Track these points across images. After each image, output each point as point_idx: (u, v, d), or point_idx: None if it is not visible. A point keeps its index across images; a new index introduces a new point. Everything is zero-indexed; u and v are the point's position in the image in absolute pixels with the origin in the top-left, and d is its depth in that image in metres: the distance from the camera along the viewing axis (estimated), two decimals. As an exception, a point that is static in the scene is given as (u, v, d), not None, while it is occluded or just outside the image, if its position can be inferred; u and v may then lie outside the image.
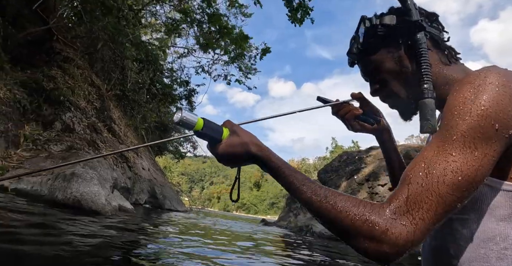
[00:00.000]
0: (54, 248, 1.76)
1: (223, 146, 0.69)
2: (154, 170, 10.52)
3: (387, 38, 0.78)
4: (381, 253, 0.54)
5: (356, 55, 0.85)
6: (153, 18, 12.61)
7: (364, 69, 0.86)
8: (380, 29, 0.78)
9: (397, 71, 0.78)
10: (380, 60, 0.80)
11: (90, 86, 8.63)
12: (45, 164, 5.03)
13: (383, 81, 0.82)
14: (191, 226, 5.49)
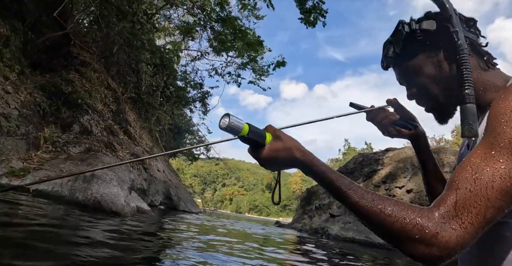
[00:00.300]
0: (76, 248, 1.79)
1: (267, 151, 0.69)
2: (169, 171, 10.62)
3: (427, 43, 0.79)
4: (431, 256, 0.55)
5: (392, 59, 0.86)
6: (166, 22, 12.78)
7: (401, 73, 0.87)
8: (419, 34, 0.79)
9: (436, 76, 0.79)
10: (419, 64, 0.81)
11: (106, 89, 8.78)
12: (65, 165, 5.13)
13: (422, 86, 0.82)
14: (209, 227, 5.52)
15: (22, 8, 7.10)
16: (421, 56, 0.80)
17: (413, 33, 0.80)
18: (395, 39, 0.84)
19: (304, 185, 67.27)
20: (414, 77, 0.83)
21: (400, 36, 0.82)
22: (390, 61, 0.87)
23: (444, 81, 0.79)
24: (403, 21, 0.83)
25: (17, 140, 5.22)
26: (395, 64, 0.88)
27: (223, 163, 21.47)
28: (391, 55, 0.85)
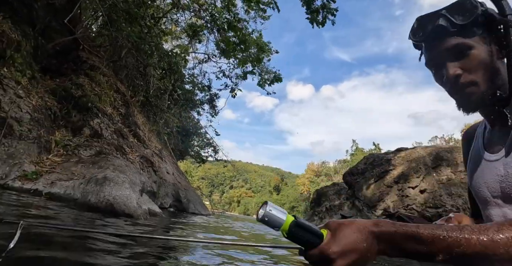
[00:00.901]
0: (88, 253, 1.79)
1: (334, 257, 0.54)
2: (178, 174, 10.66)
3: (485, 28, 0.76)
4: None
5: (445, 29, 0.78)
6: (173, 25, 12.86)
7: (447, 49, 0.79)
8: (486, 17, 0.75)
9: (486, 63, 0.76)
10: (472, 46, 0.77)
11: (116, 93, 8.86)
12: (76, 168, 5.18)
13: (467, 67, 0.77)
14: (220, 229, 5.51)
15: (33, 14, 7.20)
16: (477, 39, 0.77)
17: (483, 13, 0.75)
18: (453, 13, 0.77)
19: (312, 187, 66.91)
20: (463, 57, 0.78)
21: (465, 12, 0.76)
22: (439, 30, 0.78)
23: (492, 71, 0.76)
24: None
25: (29, 143, 5.28)
26: (443, 36, 0.79)
27: (230, 165, 21.49)
28: (445, 25, 0.77)
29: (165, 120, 12.96)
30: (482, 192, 0.81)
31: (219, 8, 8.78)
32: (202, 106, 13.86)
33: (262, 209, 0.59)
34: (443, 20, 0.77)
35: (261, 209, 0.59)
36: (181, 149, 16.86)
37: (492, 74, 0.76)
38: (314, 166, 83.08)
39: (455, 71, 0.79)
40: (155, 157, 8.49)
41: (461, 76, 0.79)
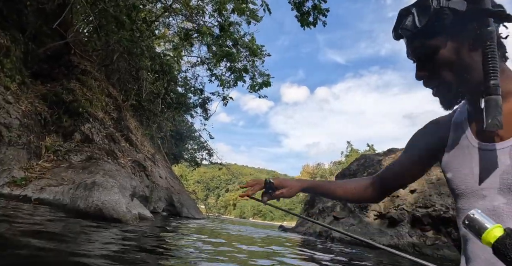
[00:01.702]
0: (77, 257, 1.79)
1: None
2: (171, 178, 10.62)
3: (452, 24, 0.73)
4: None
5: (409, 32, 0.77)
6: (165, 29, 12.87)
7: (414, 49, 0.80)
8: (446, 13, 0.72)
9: (453, 61, 0.75)
10: (437, 46, 0.75)
11: (107, 97, 8.83)
12: (66, 174, 5.15)
13: (436, 70, 0.77)
14: (212, 232, 5.50)
15: (23, 19, 7.18)
16: (442, 37, 0.75)
17: (441, 10, 0.72)
18: (418, 11, 0.75)
19: (308, 189, 66.81)
20: (430, 58, 0.77)
21: (426, 10, 0.73)
22: (406, 33, 0.79)
23: (462, 68, 0.75)
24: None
25: (18, 149, 5.24)
26: (410, 37, 0.80)
27: (225, 168, 21.45)
28: (410, 28, 0.76)
29: (158, 124, 12.94)
30: (469, 184, 0.77)
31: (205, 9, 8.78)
32: (195, 110, 13.86)
33: (471, 213, 0.56)
34: (409, 21, 0.76)
35: (470, 212, 0.56)
36: (175, 153, 16.81)
37: (463, 71, 0.75)
38: (310, 168, 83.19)
39: (421, 74, 0.80)
40: (147, 161, 8.46)
41: (428, 78, 0.80)
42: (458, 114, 0.89)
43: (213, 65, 11.31)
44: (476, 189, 0.75)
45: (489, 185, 0.73)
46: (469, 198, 0.77)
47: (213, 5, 9.55)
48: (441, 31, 0.74)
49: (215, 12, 9.26)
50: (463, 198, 0.79)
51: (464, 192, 0.78)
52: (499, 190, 0.71)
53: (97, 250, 2.00)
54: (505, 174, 0.70)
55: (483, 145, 0.77)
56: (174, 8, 9.87)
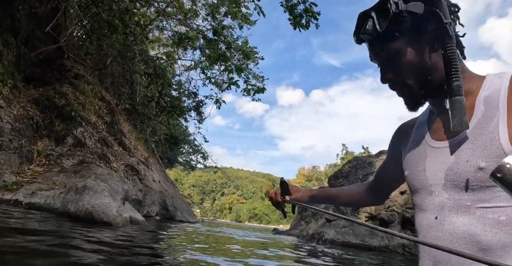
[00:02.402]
0: (65, 260, 1.80)
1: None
2: (165, 182, 10.60)
3: (410, 27, 0.74)
4: None
5: (370, 36, 0.78)
6: (160, 33, 12.90)
7: (377, 53, 0.81)
8: (404, 16, 0.72)
9: (415, 64, 0.75)
10: (398, 49, 0.76)
11: (100, 101, 8.82)
12: (58, 178, 5.14)
13: (399, 73, 0.78)
14: (203, 236, 5.50)
15: (15, 22, 7.17)
16: (402, 40, 0.75)
17: (400, 13, 0.72)
18: (378, 15, 0.76)
19: (304, 192, 66.72)
20: (392, 62, 0.78)
21: (386, 14, 0.74)
22: (367, 37, 0.79)
23: (423, 70, 0.76)
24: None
25: (10, 153, 5.22)
26: (371, 41, 0.80)
27: (221, 172, 21.42)
28: (371, 32, 0.77)
29: (152, 128, 12.92)
30: (420, 180, 0.79)
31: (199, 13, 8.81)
32: (189, 113, 13.87)
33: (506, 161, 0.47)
34: (369, 25, 0.76)
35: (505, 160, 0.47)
36: (169, 157, 16.78)
37: (425, 72, 0.76)
38: (305, 171, 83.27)
39: (386, 77, 0.81)
40: (141, 165, 8.44)
41: (393, 81, 0.81)
42: (422, 114, 0.92)
43: (206, 67, 11.33)
44: (426, 185, 0.78)
45: (436, 181, 0.75)
46: (421, 193, 0.80)
47: (206, 9, 9.61)
48: (401, 34, 0.75)
49: (209, 16, 9.32)
50: (417, 194, 0.82)
51: (417, 188, 0.81)
52: (444, 186, 0.73)
53: (84, 253, 2.01)
54: (449, 171, 0.73)
55: (434, 143, 0.80)
56: (168, 12, 9.91)
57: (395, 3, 0.72)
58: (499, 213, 0.66)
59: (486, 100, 0.72)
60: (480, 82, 0.77)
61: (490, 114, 0.70)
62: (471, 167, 0.69)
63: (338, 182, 7.49)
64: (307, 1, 6.21)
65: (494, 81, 0.74)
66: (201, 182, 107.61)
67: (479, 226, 0.67)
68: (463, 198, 0.70)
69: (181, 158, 19.90)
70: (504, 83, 0.71)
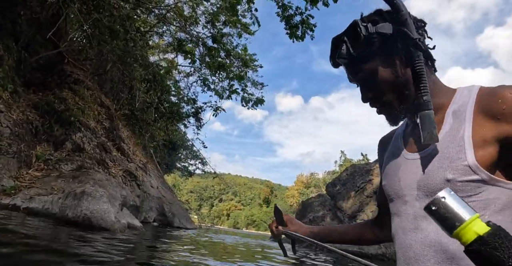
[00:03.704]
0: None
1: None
2: (163, 188, 10.58)
3: (382, 47, 0.77)
4: None
5: (346, 60, 0.81)
6: (160, 39, 12.97)
7: (354, 75, 0.84)
8: (375, 38, 0.76)
9: (391, 81, 0.78)
10: (374, 69, 0.79)
11: (100, 106, 8.84)
12: (56, 183, 5.13)
13: (377, 91, 0.81)
14: (201, 242, 5.48)
15: (16, 28, 7.21)
16: (376, 60, 0.78)
17: (370, 36, 0.76)
18: (350, 40, 0.79)
19: (302, 198, 66.83)
20: (369, 82, 0.81)
21: (357, 38, 0.77)
22: (343, 61, 0.83)
23: (399, 87, 0.78)
24: (359, 22, 0.78)
25: (8, 158, 5.22)
26: (347, 64, 0.84)
27: (219, 178, 21.36)
28: (345, 56, 0.80)
29: (151, 133, 12.92)
30: (396, 190, 0.82)
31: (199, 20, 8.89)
32: (188, 119, 13.88)
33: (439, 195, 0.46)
34: (343, 49, 0.80)
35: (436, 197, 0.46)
36: (167, 162, 16.75)
37: (402, 88, 0.78)
38: (304, 178, 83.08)
39: (367, 96, 0.84)
40: (139, 171, 8.43)
41: (373, 101, 0.84)
42: (400, 126, 0.95)
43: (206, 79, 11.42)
44: (400, 195, 0.81)
45: (409, 192, 0.79)
46: (396, 203, 0.83)
47: (206, 16, 9.70)
48: (374, 55, 0.78)
49: (208, 24, 9.40)
50: (392, 203, 0.85)
51: (393, 197, 0.84)
52: (416, 196, 0.76)
53: (81, 260, 2.01)
54: (420, 182, 0.76)
55: (408, 154, 0.83)
56: (168, 17, 10.00)
57: (365, 27, 0.76)
58: None
59: (455, 113, 0.75)
60: (451, 95, 0.80)
61: (457, 127, 0.73)
62: (439, 178, 0.72)
63: (336, 189, 7.49)
64: (304, 13, 6.30)
65: (464, 95, 0.77)
66: (199, 188, 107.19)
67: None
68: None
69: (179, 163, 19.87)
70: (472, 96, 0.74)
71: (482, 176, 0.68)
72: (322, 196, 8.41)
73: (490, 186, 0.68)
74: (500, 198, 0.69)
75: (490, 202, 0.68)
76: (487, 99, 0.71)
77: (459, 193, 0.68)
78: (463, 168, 0.68)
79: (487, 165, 0.68)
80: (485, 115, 0.70)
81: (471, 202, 0.68)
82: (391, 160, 0.88)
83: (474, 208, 0.54)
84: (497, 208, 0.69)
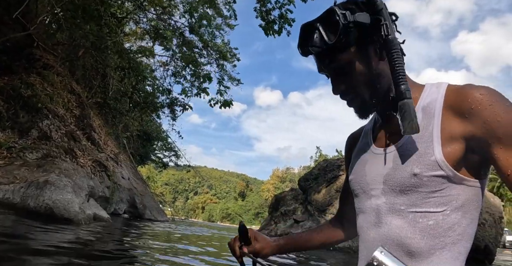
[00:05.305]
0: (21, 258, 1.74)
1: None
2: (135, 179, 10.37)
3: (358, 37, 0.74)
4: None
5: (319, 48, 0.76)
6: (137, 27, 12.61)
7: (325, 65, 0.80)
8: (352, 27, 0.72)
9: (365, 73, 0.76)
10: (348, 60, 0.75)
11: (70, 93, 8.51)
12: (19, 171, 4.91)
13: (350, 83, 0.78)
14: (167, 235, 5.43)
15: (-20, 7, 6.81)
16: (351, 51, 0.75)
17: (348, 24, 0.71)
18: (325, 27, 0.74)
19: (277, 192, 67.42)
20: (343, 73, 0.78)
21: (334, 26, 0.72)
22: (315, 50, 0.77)
23: (373, 79, 0.76)
24: (336, 9, 0.73)
25: (-33, 144, 4.95)
26: (319, 53, 0.78)
27: (194, 171, 21.17)
28: (319, 45, 0.75)
29: (124, 123, 12.60)
30: (362, 184, 0.82)
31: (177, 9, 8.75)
32: (163, 110, 13.64)
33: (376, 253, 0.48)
34: (317, 38, 0.75)
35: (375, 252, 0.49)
36: (141, 154, 16.44)
37: (374, 81, 0.76)
38: (279, 172, 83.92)
39: (338, 88, 0.80)
40: (109, 161, 8.22)
41: (344, 93, 0.81)
42: (368, 123, 0.94)
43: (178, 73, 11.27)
44: (366, 190, 0.81)
45: (375, 186, 0.79)
46: (362, 198, 0.83)
47: (184, 6, 9.50)
48: (350, 45, 0.75)
49: (186, 13, 9.21)
50: (358, 198, 0.85)
51: (358, 192, 0.84)
52: (382, 190, 0.77)
53: (37, 251, 1.94)
54: (387, 176, 0.76)
55: (376, 149, 0.83)
56: (145, 5, 9.72)
57: (343, 14, 0.71)
58: (428, 218, 0.70)
59: (424, 110, 0.75)
60: (419, 91, 0.79)
61: (426, 122, 0.73)
62: (406, 172, 0.72)
63: (307, 184, 7.60)
64: (283, 7, 6.24)
65: (432, 91, 0.77)
66: (174, 180, 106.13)
67: (410, 229, 0.71)
68: (398, 202, 0.74)
69: (154, 155, 19.55)
70: (441, 93, 0.74)
71: (447, 172, 0.69)
72: (295, 190, 8.50)
73: (453, 182, 0.70)
74: (461, 194, 0.70)
75: (452, 198, 0.70)
76: (456, 97, 0.71)
77: (424, 188, 0.70)
78: (430, 163, 0.69)
79: (454, 161, 0.69)
80: (453, 112, 0.71)
81: (434, 197, 0.70)
82: (359, 155, 0.88)
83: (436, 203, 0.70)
84: (458, 204, 0.70)
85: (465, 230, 0.71)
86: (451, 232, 0.70)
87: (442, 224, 0.70)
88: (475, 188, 0.71)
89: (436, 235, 0.70)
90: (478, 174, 0.72)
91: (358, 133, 0.98)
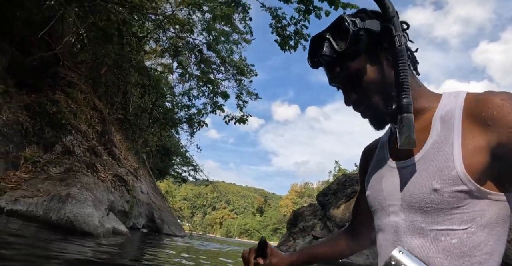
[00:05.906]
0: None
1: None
2: (154, 193, 10.47)
3: (369, 44, 0.73)
4: None
5: (329, 58, 0.75)
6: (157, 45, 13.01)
7: (337, 75, 0.79)
8: (362, 35, 0.72)
9: (377, 82, 0.74)
10: (359, 68, 0.74)
11: (92, 110, 8.79)
12: (43, 185, 5.05)
13: (363, 93, 0.76)
14: (187, 249, 5.40)
15: (12, 28, 7.20)
16: (361, 59, 0.74)
17: (358, 31, 0.71)
18: (335, 36, 0.74)
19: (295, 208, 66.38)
20: (354, 82, 0.76)
21: (344, 33, 0.72)
22: (326, 59, 0.76)
23: (386, 87, 0.74)
24: (345, 17, 0.73)
25: (-5, 159, 5.15)
26: (330, 63, 0.77)
27: (212, 186, 21.20)
28: (328, 54, 0.74)
29: (144, 139, 12.83)
30: (379, 200, 0.78)
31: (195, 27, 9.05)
32: (181, 125, 13.84)
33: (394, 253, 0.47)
34: (327, 47, 0.74)
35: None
36: (160, 168, 16.62)
37: (387, 89, 0.74)
38: (298, 187, 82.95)
39: (350, 99, 0.79)
40: (129, 176, 8.35)
41: (357, 103, 0.79)
42: (384, 134, 0.91)
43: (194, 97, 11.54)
44: (384, 206, 0.77)
45: (393, 202, 0.74)
46: (380, 214, 0.79)
47: (201, 24, 9.77)
48: (360, 53, 0.73)
49: (204, 31, 9.46)
50: (376, 214, 0.81)
51: (376, 208, 0.80)
52: (400, 207, 0.72)
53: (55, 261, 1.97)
54: (405, 192, 0.72)
55: (393, 162, 0.79)
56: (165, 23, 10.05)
57: (352, 22, 0.71)
58: (451, 236, 0.66)
59: (442, 120, 0.71)
60: (436, 100, 0.76)
61: (446, 134, 0.69)
62: (426, 188, 0.68)
63: (326, 199, 7.47)
64: (298, 23, 6.32)
65: (450, 100, 0.73)
66: (192, 195, 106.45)
67: (432, 248, 0.67)
68: (418, 220, 0.69)
69: (173, 170, 19.73)
70: (460, 101, 0.70)
71: (470, 187, 0.64)
72: (313, 206, 8.36)
73: (477, 197, 0.65)
74: (486, 209, 0.66)
75: (476, 214, 0.66)
76: (476, 105, 0.67)
77: (445, 204, 0.66)
78: (451, 178, 0.65)
79: (477, 174, 0.64)
80: (474, 121, 0.66)
81: (456, 214, 0.66)
82: (376, 170, 0.84)
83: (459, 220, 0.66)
84: (483, 220, 0.66)
85: (492, 248, 0.66)
86: (477, 251, 0.65)
87: (467, 242, 0.65)
88: (502, 202, 0.67)
89: (461, 254, 0.65)
90: (503, 186, 0.67)
91: (374, 145, 0.94)
